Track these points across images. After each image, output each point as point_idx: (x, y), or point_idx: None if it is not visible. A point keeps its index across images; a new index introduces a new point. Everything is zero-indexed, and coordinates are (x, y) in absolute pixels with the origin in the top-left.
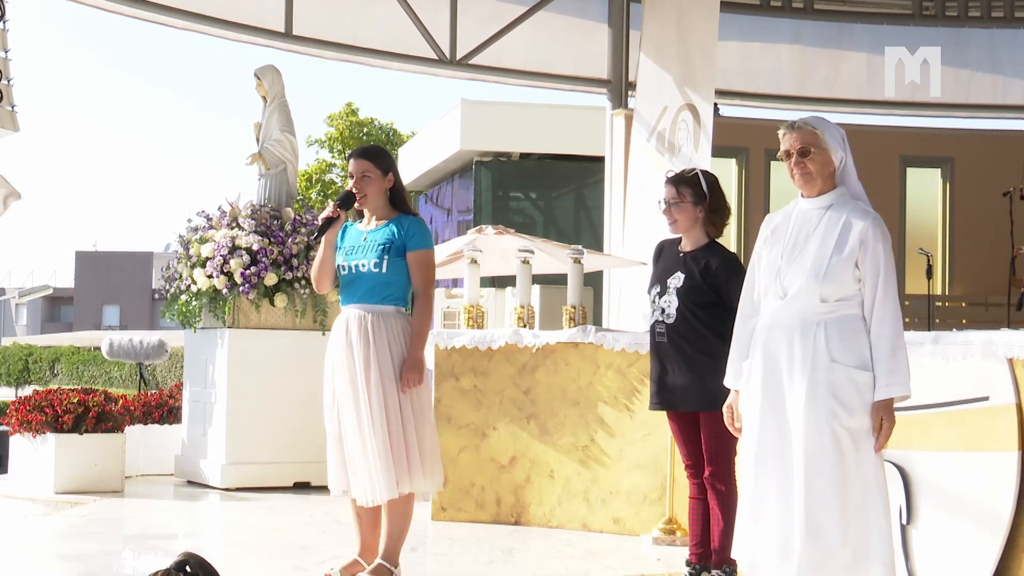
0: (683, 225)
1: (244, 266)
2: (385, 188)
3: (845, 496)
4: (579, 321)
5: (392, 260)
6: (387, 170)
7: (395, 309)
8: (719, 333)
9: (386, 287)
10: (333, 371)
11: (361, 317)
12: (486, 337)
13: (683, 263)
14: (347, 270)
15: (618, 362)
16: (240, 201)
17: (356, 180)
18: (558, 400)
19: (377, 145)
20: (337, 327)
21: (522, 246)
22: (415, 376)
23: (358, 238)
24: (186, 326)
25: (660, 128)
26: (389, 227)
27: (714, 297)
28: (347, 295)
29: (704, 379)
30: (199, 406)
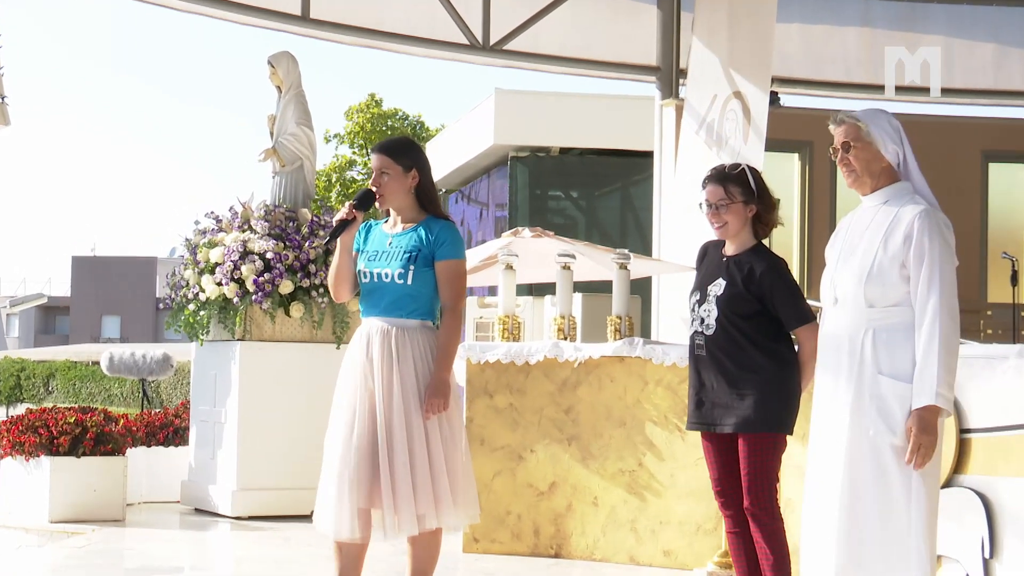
0: (734, 228)
1: (257, 272)
2: (409, 187)
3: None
4: (625, 333)
5: (419, 271)
6: (410, 166)
7: (421, 323)
8: (762, 347)
9: (411, 300)
10: (348, 387)
11: (385, 331)
12: (523, 351)
13: (725, 268)
14: (369, 277)
15: (668, 378)
16: (253, 201)
17: (374, 178)
18: (602, 420)
19: (404, 137)
20: (357, 340)
21: (562, 250)
22: (440, 401)
23: (382, 242)
24: (193, 338)
25: (709, 119)
26: (416, 232)
27: (757, 306)
28: (368, 305)
29: (744, 398)
30: (208, 426)
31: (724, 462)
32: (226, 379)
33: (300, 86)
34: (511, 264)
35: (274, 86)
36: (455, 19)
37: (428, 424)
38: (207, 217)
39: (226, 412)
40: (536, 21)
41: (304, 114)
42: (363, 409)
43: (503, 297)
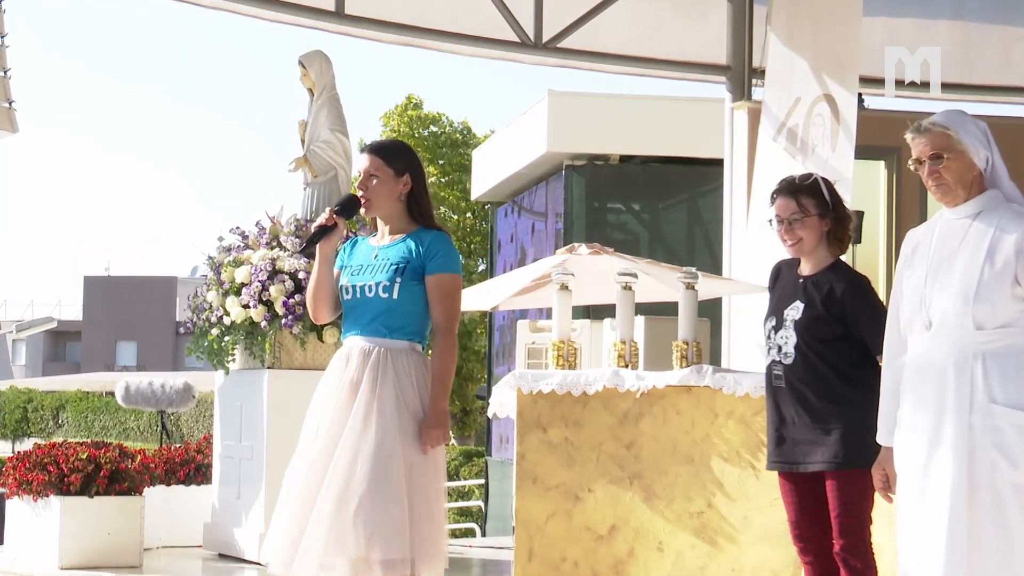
0: (809, 244)
1: (287, 294)
2: (399, 193)
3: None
4: (692, 360)
5: (406, 284)
6: (403, 171)
7: (408, 345)
8: (847, 375)
9: (396, 317)
10: (320, 411)
11: (365, 351)
12: (579, 380)
13: (803, 290)
14: (351, 293)
15: (741, 410)
16: (282, 215)
17: (361, 180)
18: (667, 456)
19: (395, 139)
20: (335, 361)
21: (623, 268)
22: (440, 433)
23: (368, 255)
24: (217, 367)
25: (791, 124)
26: (405, 243)
27: (840, 330)
28: (349, 323)
29: (830, 432)
30: (233, 463)
31: (804, 504)
32: (253, 411)
33: (334, 88)
34: (566, 284)
35: (305, 89)
36: (504, 14)
37: (409, 457)
38: (232, 233)
39: (253, 447)
40: (594, 16)
41: (338, 119)
42: (329, 434)
43: (557, 320)
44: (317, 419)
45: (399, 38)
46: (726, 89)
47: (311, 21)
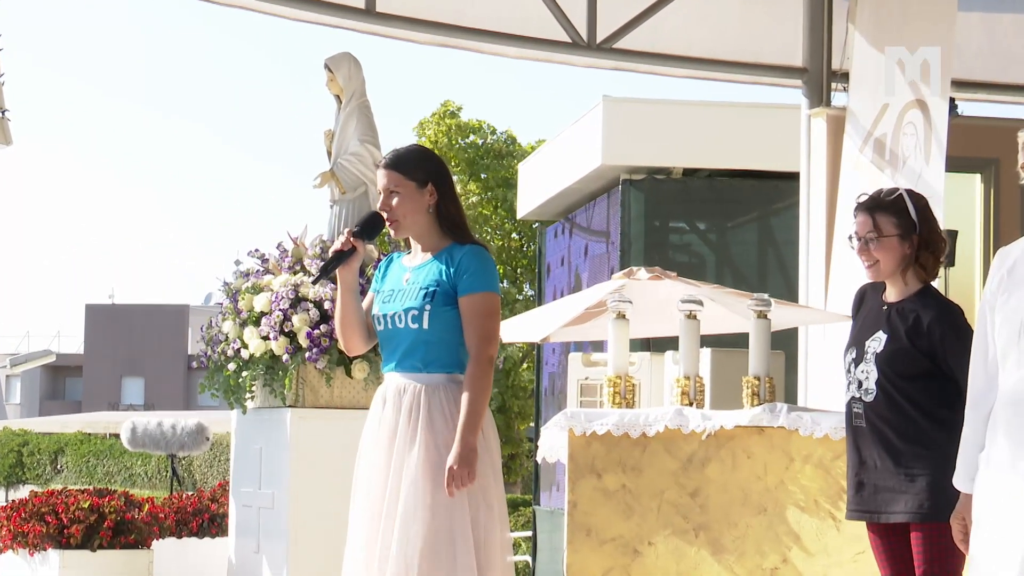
0: (887, 267)
1: (311, 324)
2: (426, 207)
3: None
4: (765, 397)
5: (437, 311)
6: (425, 180)
7: (448, 378)
8: (935, 416)
9: (430, 348)
10: (362, 466)
11: (401, 389)
12: (638, 419)
13: (886, 319)
14: (383, 323)
15: (819, 453)
16: (306, 236)
17: (383, 201)
18: (737, 505)
19: (412, 146)
20: (374, 404)
21: (687, 295)
22: (466, 472)
23: (399, 278)
24: (233, 405)
25: (879, 133)
26: (436, 263)
27: (927, 365)
28: (384, 357)
29: (915, 479)
30: (251, 513)
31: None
32: (274, 455)
33: (364, 95)
34: (623, 312)
35: (332, 95)
36: (554, 11)
37: (458, 507)
38: (250, 256)
39: (274, 496)
40: (653, 13)
41: (369, 129)
42: (376, 491)
43: (614, 353)
44: (362, 477)
45: (436, 38)
46: (802, 94)
47: (338, 20)
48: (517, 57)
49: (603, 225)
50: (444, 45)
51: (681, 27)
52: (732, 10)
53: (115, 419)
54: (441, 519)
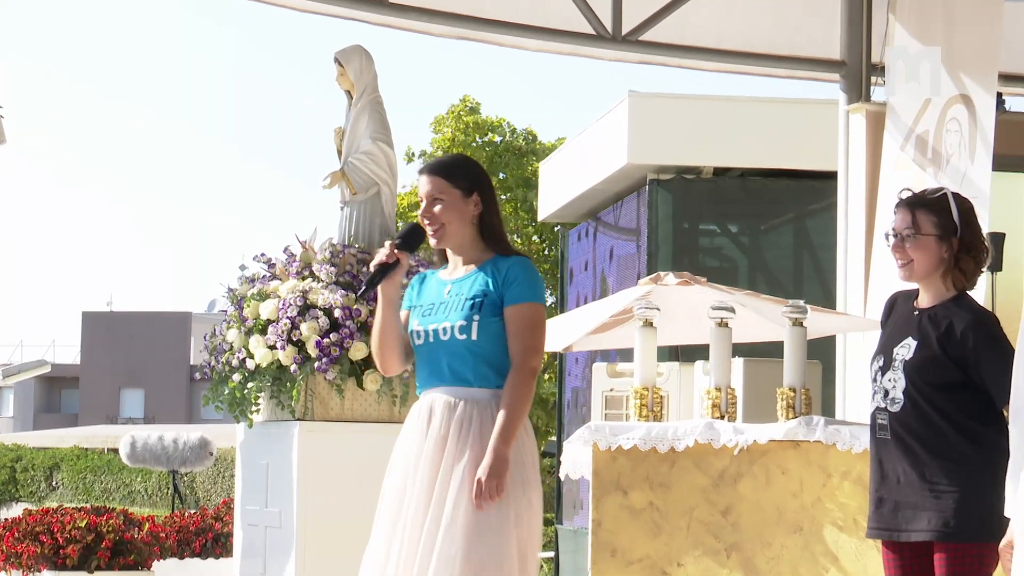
0: (921, 269)
1: (321, 332)
2: (471, 217)
3: None
4: (801, 410)
5: (485, 321)
6: (471, 189)
7: (494, 394)
8: (966, 429)
9: (478, 361)
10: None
11: (449, 405)
12: (667, 433)
13: (917, 325)
14: (423, 337)
15: (858, 469)
16: (315, 240)
17: (424, 207)
18: (771, 524)
19: (457, 154)
20: (412, 420)
21: (718, 301)
22: (495, 483)
23: (439, 291)
24: (239, 418)
25: (920, 130)
26: (481, 274)
27: (958, 375)
28: (425, 374)
29: (941, 496)
30: (257, 532)
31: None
32: (281, 471)
33: (376, 90)
34: (651, 320)
35: (343, 91)
36: (577, 2)
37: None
38: (256, 261)
39: (281, 514)
40: (682, 3)
41: (381, 126)
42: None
43: (640, 363)
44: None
45: (452, 30)
46: (840, 89)
47: (349, 11)
48: (538, 50)
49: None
50: (461, 38)
51: (711, 18)
52: (765, 0)
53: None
54: (490, 536)
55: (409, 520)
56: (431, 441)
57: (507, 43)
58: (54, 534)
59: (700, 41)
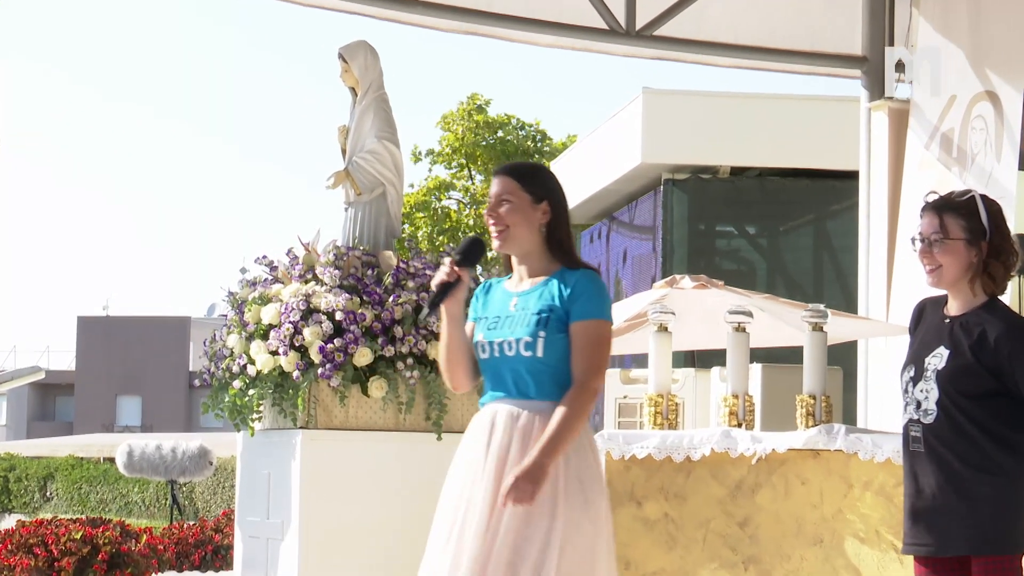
0: (949, 275)
1: (324, 337)
2: (539, 225)
3: None
4: (821, 418)
5: (551, 337)
6: (542, 197)
7: (556, 407)
8: (1001, 439)
9: (544, 377)
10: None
11: (512, 416)
12: (682, 442)
13: (948, 333)
14: (488, 351)
15: (881, 479)
16: (318, 242)
17: (491, 207)
18: (790, 536)
19: (537, 164)
20: (474, 430)
21: (735, 306)
22: (530, 488)
23: (505, 304)
24: (239, 427)
25: (945, 128)
26: (547, 287)
27: (992, 384)
28: (489, 386)
29: (977, 508)
30: (259, 545)
31: None
32: (284, 481)
33: (382, 87)
34: (665, 325)
35: (347, 88)
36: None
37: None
38: (258, 264)
39: (284, 525)
40: None
41: (387, 124)
42: (478, 519)
43: (655, 369)
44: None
45: (461, 25)
46: (862, 86)
47: (354, 5)
48: (549, 46)
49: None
50: (470, 33)
51: (727, 12)
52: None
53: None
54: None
55: (470, 533)
56: (493, 452)
57: (518, 38)
58: (48, 546)
59: (716, 36)
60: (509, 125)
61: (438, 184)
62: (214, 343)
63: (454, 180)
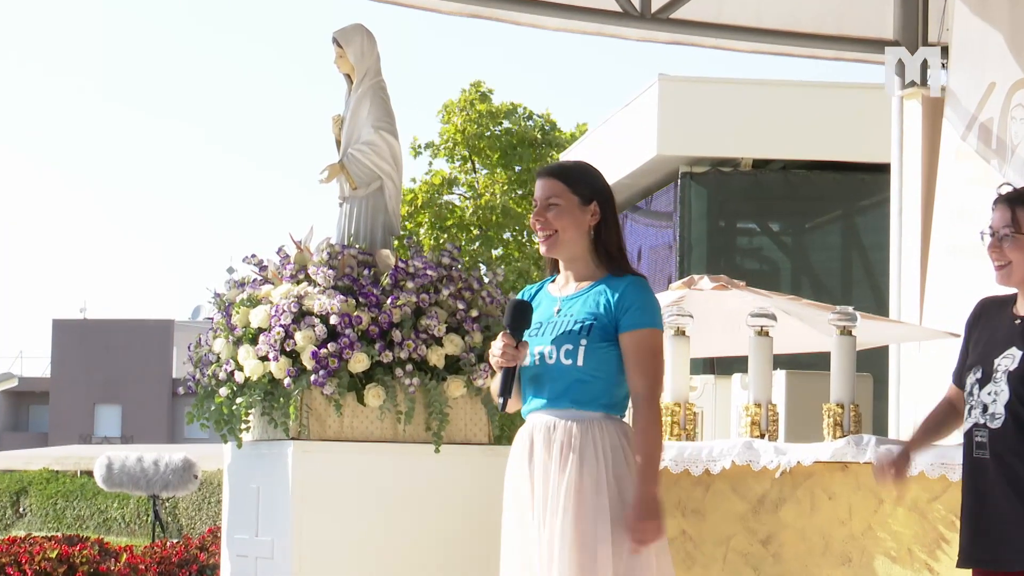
0: (1021, 272)
1: (318, 342)
2: (587, 227)
3: None
4: (849, 428)
5: (593, 347)
6: (590, 198)
7: (601, 415)
8: None
9: (585, 387)
10: (512, 516)
11: (551, 426)
12: (701, 454)
13: (1020, 333)
14: (529, 359)
15: (914, 493)
16: (311, 240)
17: (538, 211)
18: (817, 555)
19: (578, 161)
20: (518, 445)
21: (758, 308)
22: (654, 525)
23: (549, 309)
24: (226, 438)
25: (984, 118)
26: (592, 294)
27: None
28: (529, 395)
29: None
30: (247, 564)
31: None
32: (274, 495)
33: (379, 74)
34: (683, 328)
35: (342, 75)
36: None
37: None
38: (246, 263)
39: (274, 544)
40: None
41: (385, 114)
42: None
43: (672, 376)
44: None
45: (463, 7)
46: (893, 72)
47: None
48: (558, 29)
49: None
50: (473, 15)
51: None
52: None
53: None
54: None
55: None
56: (537, 471)
57: (524, 21)
58: (22, 566)
59: (737, 19)
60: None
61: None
62: (199, 348)
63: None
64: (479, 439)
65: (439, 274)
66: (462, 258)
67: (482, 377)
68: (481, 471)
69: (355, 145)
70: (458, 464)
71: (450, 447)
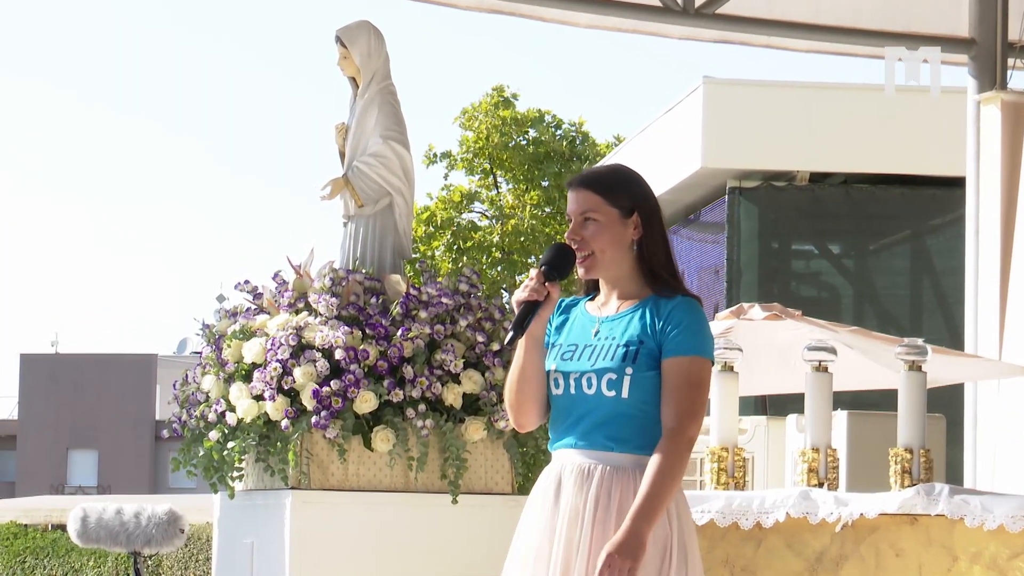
0: None
1: (319, 379)
2: (629, 242)
3: None
4: (919, 476)
5: (639, 376)
6: (631, 209)
7: (637, 461)
8: None
9: (626, 423)
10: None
11: (584, 471)
12: (752, 505)
13: None
14: (562, 386)
15: (992, 550)
16: (312, 263)
17: (573, 228)
18: None
19: (616, 167)
20: (542, 485)
21: (816, 341)
22: (627, 564)
23: (586, 330)
24: (216, 487)
25: None
26: (638, 314)
27: None
28: (561, 430)
29: None
30: None
31: None
32: (270, 551)
33: (388, 77)
34: (731, 363)
35: (346, 77)
36: None
37: None
38: (238, 290)
39: None
40: None
41: (394, 122)
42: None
43: (719, 417)
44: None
45: (483, 3)
46: (969, 74)
47: None
48: (589, 27)
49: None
50: (494, 11)
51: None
52: None
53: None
54: None
55: None
56: (564, 516)
57: (551, 17)
58: None
59: (792, 14)
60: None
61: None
62: (186, 386)
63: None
64: (501, 488)
65: (456, 302)
66: (482, 284)
67: (504, 419)
68: (503, 524)
69: (361, 157)
70: (477, 516)
71: (468, 497)
